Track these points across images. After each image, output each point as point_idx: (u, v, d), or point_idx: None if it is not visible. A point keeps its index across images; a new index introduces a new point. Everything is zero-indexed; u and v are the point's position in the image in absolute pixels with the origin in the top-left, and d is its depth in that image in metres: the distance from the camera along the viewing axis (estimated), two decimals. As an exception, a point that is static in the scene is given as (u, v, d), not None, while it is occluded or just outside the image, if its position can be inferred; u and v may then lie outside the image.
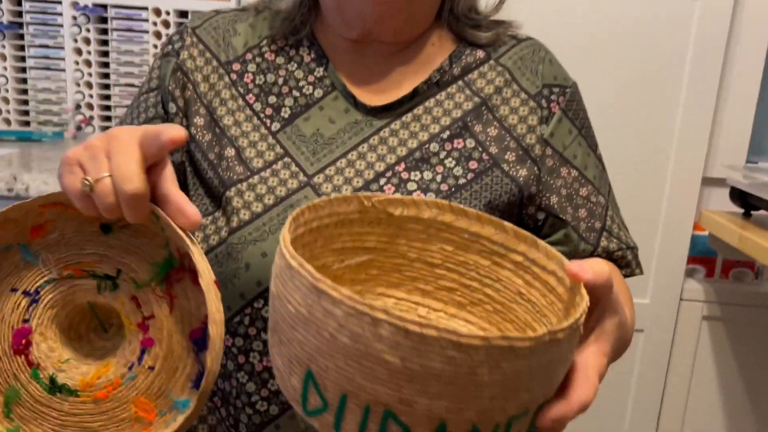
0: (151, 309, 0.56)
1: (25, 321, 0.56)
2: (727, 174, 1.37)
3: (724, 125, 1.44)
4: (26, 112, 1.80)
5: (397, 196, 0.56)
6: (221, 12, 0.81)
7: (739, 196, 1.35)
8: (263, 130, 0.74)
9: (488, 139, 0.75)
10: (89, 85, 1.76)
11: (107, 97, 1.78)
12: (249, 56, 0.78)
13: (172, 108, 0.76)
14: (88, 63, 1.75)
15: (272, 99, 0.76)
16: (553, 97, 0.78)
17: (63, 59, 1.75)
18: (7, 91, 1.76)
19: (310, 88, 0.76)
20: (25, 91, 1.78)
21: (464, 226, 0.55)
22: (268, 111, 0.75)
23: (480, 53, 0.79)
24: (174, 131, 0.51)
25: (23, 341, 0.56)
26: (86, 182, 0.50)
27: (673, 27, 1.38)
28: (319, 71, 0.77)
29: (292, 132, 0.74)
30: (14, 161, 1.48)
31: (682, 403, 1.55)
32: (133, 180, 0.49)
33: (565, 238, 0.76)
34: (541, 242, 0.51)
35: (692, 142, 1.42)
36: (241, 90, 0.76)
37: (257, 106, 0.75)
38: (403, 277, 0.59)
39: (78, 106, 1.78)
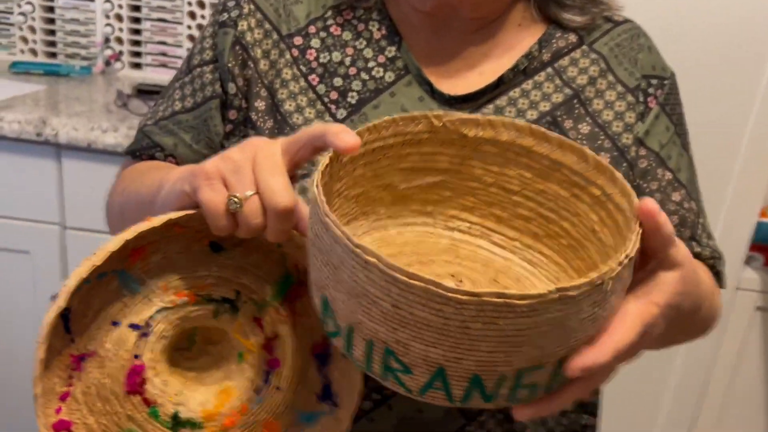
0: (275, 329, 0.52)
1: (136, 357, 0.49)
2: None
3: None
4: (53, 44, 1.71)
5: (472, 115, 0.52)
6: None
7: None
8: (327, 118, 0.66)
9: (580, 137, 0.66)
10: (119, 18, 1.66)
11: (137, 32, 1.68)
12: (312, 29, 0.68)
13: (232, 88, 0.67)
14: (119, -6, 1.64)
15: (338, 81, 0.67)
16: (651, 90, 0.69)
17: (92, -11, 1.64)
18: (33, 20, 1.67)
19: (381, 70, 0.67)
20: (52, 21, 1.69)
21: (545, 152, 0.51)
22: (333, 95, 0.66)
23: (572, 37, 0.69)
24: (349, 138, 0.44)
25: (138, 379, 0.50)
26: (235, 201, 0.45)
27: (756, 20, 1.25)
28: (391, 51, 0.68)
29: (359, 121, 0.66)
30: (41, 100, 1.40)
31: (724, 393, 1.50)
32: (284, 196, 0.45)
33: None
34: (619, 176, 0.47)
35: (765, 125, 1.31)
36: (304, 69, 0.67)
37: (321, 89, 0.67)
38: (477, 201, 0.56)
39: (107, 40, 1.68)
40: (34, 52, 1.70)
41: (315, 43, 0.68)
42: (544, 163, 0.52)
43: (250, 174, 0.45)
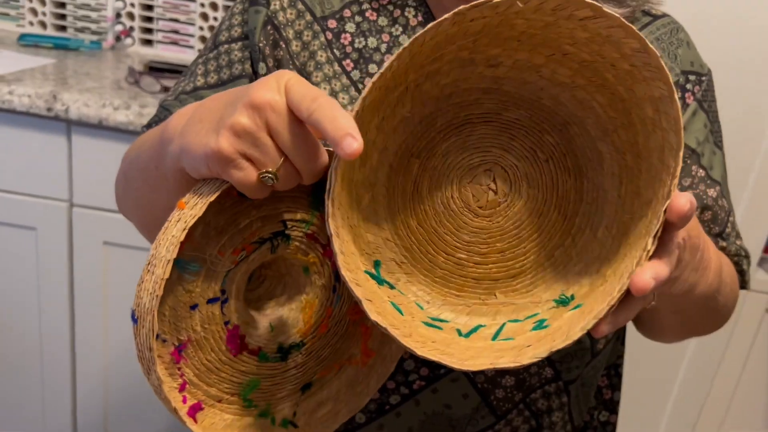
0: (327, 234, 0.52)
1: (226, 324, 0.51)
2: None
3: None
4: (63, 16, 1.68)
5: None
6: None
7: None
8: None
9: None
10: (131, -7, 1.63)
11: (149, 8, 1.65)
12: (347, 13, 0.66)
13: (263, 69, 0.65)
14: (132, -32, 1.61)
15: (373, 68, 0.65)
16: (689, 86, 0.68)
17: (105, -38, 1.61)
18: (43, -9, 1.64)
19: None
20: (62, -6, 1.66)
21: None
22: (367, 81, 0.65)
23: None
24: (347, 146, 0.40)
25: (238, 341, 0.52)
26: (270, 177, 0.43)
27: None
28: None
29: None
30: (51, 74, 1.38)
31: (730, 393, 1.50)
32: (319, 156, 0.44)
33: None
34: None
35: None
36: (338, 53, 0.65)
37: (355, 75, 0.65)
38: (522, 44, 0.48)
39: (118, 15, 1.65)
40: (43, 24, 1.67)
41: (350, 27, 0.66)
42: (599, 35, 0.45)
43: (272, 144, 0.43)
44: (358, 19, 0.66)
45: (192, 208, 0.44)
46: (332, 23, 0.66)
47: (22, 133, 1.29)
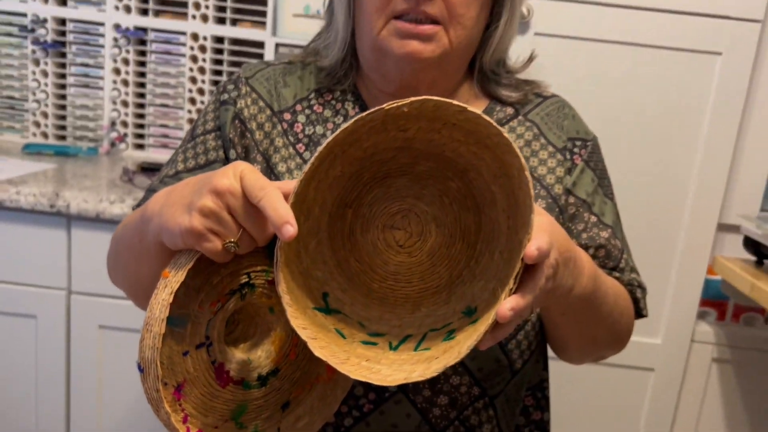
0: None
1: (213, 362, 0.63)
2: (741, 222, 1.41)
3: (741, 174, 1.49)
4: (63, 127, 1.87)
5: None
6: (271, 64, 0.87)
7: (752, 244, 1.39)
8: None
9: None
10: (125, 104, 1.83)
11: (141, 116, 1.84)
12: (299, 107, 0.83)
13: (233, 154, 0.81)
14: (126, 82, 1.81)
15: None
16: (576, 150, 0.84)
17: (102, 78, 1.81)
18: (47, 106, 1.83)
19: None
20: (63, 107, 1.85)
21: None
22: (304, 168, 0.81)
23: (509, 110, 0.85)
24: (286, 231, 0.55)
25: (224, 375, 0.64)
26: (231, 244, 0.57)
27: (694, 79, 1.43)
28: None
29: None
30: (52, 176, 1.54)
31: (689, 442, 1.58)
32: (266, 228, 0.58)
33: None
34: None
35: (709, 188, 1.47)
36: (292, 139, 0.82)
37: (306, 155, 0.81)
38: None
39: (113, 124, 1.84)
40: (45, 135, 1.85)
41: (301, 118, 0.83)
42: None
43: (231, 220, 0.57)
44: (307, 112, 0.83)
45: (174, 275, 0.58)
46: (287, 116, 0.83)
47: (26, 230, 1.44)
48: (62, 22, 1.80)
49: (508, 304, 0.54)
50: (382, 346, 0.64)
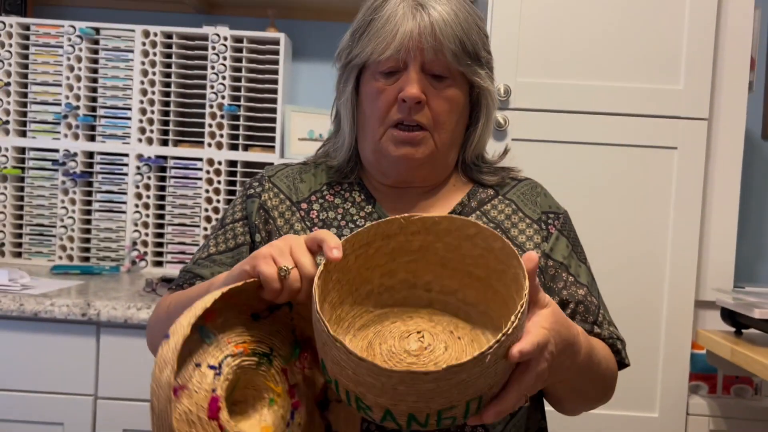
0: (296, 378, 0.75)
1: (213, 391, 0.68)
2: (716, 296, 1.54)
3: (710, 253, 1.65)
4: (87, 249, 2.02)
5: (431, 214, 0.79)
6: (289, 165, 1.05)
7: (729, 315, 1.51)
8: None
9: None
10: (146, 225, 1.99)
11: (160, 235, 2.00)
12: (314, 198, 0.99)
13: (258, 238, 0.97)
14: (147, 206, 1.99)
15: (333, 230, 0.96)
16: (550, 221, 0.99)
17: (125, 203, 1.99)
18: (73, 230, 2.00)
19: (362, 220, 0.97)
20: (88, 231, 2.02)
21: (482, 238, 0.78)
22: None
23: (490, 191, 1.01)
24: (335, 254, 0.72)
25: (215, 407, 0.68)
26: (284, 269, 0.72)
27: (656, 171, 1.62)
28: (369, 208, 0.98)
29: None
30: (79, 290, 1.67)
31: None
32: (312, 268, 0.73)
33: None
34: (519, 258, 0.73)
35: (682, 269, 1.62)
36: (308, 224, 0.97)
37: None
38: (444, 268, 0.82)
39: (134, 243, 2.00)
40: (70, 257, 2.00)
41: (316, 206, 0.98)
42: (482, 246, 0.78)
43: (290, 255, 0.73)
44: (321, 201, 0.99)
45: (214, 293, 0.68)
46: (304, 205, 0.99)
47: (57, 339, 1.55)
48: (90, 155, 2.00)
49: (491, 409, 0.69)
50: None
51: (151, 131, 1.98)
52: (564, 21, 1.62)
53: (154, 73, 1.98)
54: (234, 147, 2.01)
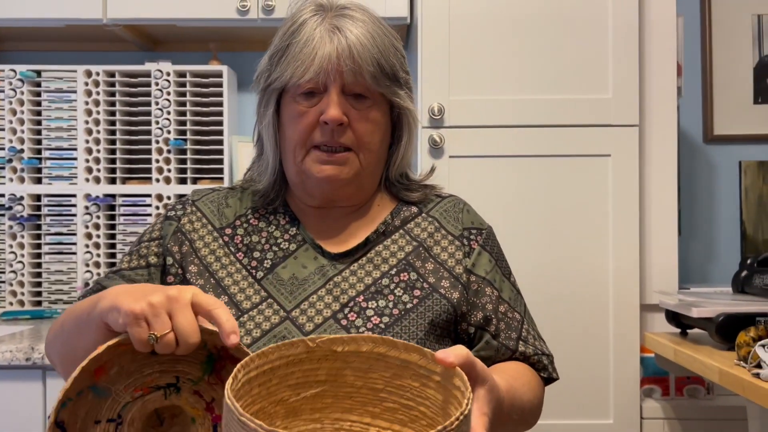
0: (211, 395, 0.74)
1: None
2: (660, 299, 1.56)
3: (652, 255, 1.67)
4: (39, 293, 1.99)
5: (338, 335, 0.68)
6: (216, 189, 1.05)
7: (673, 317, 1.53)
8: (250, 279, 0.94)
9: (427, 271, 0.95)
10: (97, 265, 1.98)
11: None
12: (238, 222, 1.00)
13: (170, 260, 0.97)
14: (97, 245, 1.97)
15: (257, 254, 0.96)
16: (472, 237, 1.00)
17: (75, 244, 1.98)
18: (23, 275, 1.97)
19: (286, 243, 0.98)
20: (39, 274, 1.99)
21: (396, 355, 0.67)
22: (254, 263, 0.96)
23: (413, 209, 1.02)
24: (233, 339, 0.66)
25: None
26: (153, 336, 0.67)
27: (592, 178, 1.65)
28: (293, 230, 0.99)
29: (273, 278, 0.94)
30: (27, 335, 1.65)
31: None
32: (192, 336, 0.67)
33: (486, 344, 0.95)
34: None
35: (625, 273, 1.64)
36: (232, 249, 0.97)
37: (245, 261, 0.96)
38: (354, 402, 0.70)
39: (86, 284, 1.98)
40: (21, 302, 1.98)
41: (240, 231, 0.99)
42: (397, 363, 0.68)
43: (167, 319, 0.67)
44: (245, 225, 0.99)
45: (100, 348, 0.67)
46: (228, 230, 0.99)
47: (1, 386, 1.52)
48: (37, 197, 1.99)
49: None
50: None
51: (98, 170, 1.98)
52: (492, 39, 1.65)
53: (98, 112, 1.98)
54: (183, 181, 2.01)
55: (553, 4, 1.65)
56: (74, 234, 1.98)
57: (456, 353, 0.64)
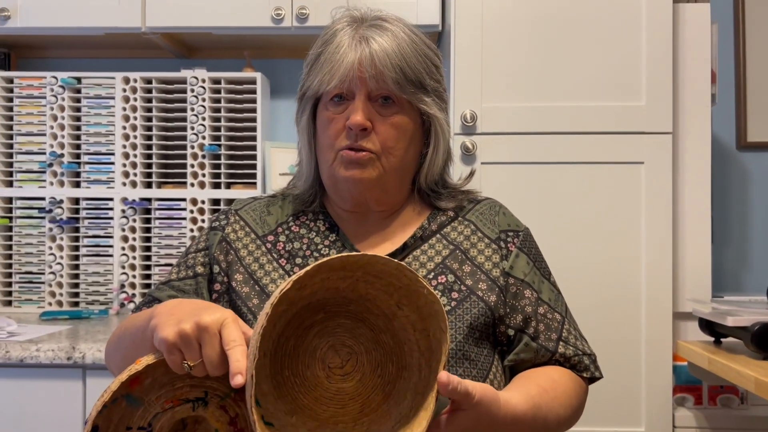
0: (236, 410, 0.78)
1: None
2: (693, 307, 1.55)
3: (686, 263, 1.66)
4: (76, 294, 2.04)
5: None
6: (257, 198, 1.08)
7: (707, 325, 1.52)
8: None
9: (464, 274, 0.97)
10: (133, 267, 2.02)
11: (148, 277, 2.03)
12: (280, 230, 1.02)
13: (216, 269, 1.00)
14: (133, 248, 2.02)
15: (298, 260, 0.99)
16: (509, 239, 1.01)
17: (111, 246, 2.02)
18: (62, 276, 2.02)
19: (327, 249, 1.00)
20: (76, 276, 2.04)
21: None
22: (296, 269, 0.98)
23: (450, 213, 1.04)
24: (237, 380, 0.69)
25: None
26: (187, 366, 0.72)
27: (625, 186, 1.64)
28: (332, 236, 1.01)
29: None
30: (66, 335, 1.69)
31: None
32: (218, 369, 0.72)
33: (525, 347, 0.96)
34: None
35: (658, 281, 1.63)
36: (275, 255, 0.99)
37: (288, 267, 0.98)
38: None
39: (122, 286, 2.02)
40: (60, 303, 2.03)
41: (282, 238, 1.01)
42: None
43: (197, 347, 0.72)
44: (287, 232, 1.02)
45: (139, 365, 0.73)
46: (270, 238, 1.01)
47: (43, 384, 1.56)
48: (76, 201, 2.04)
49: None
50: None
51: (135, 174, 2.02)
52: (524, 46, 1.66)
53: (135, 118, 2.02)
54: (216, 185, 2.04)
55: (586, 11, 1.65)
56: (111, 237, 2.02)
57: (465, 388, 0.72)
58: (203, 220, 2.00)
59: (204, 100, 2.01)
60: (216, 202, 2.03)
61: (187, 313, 0.74)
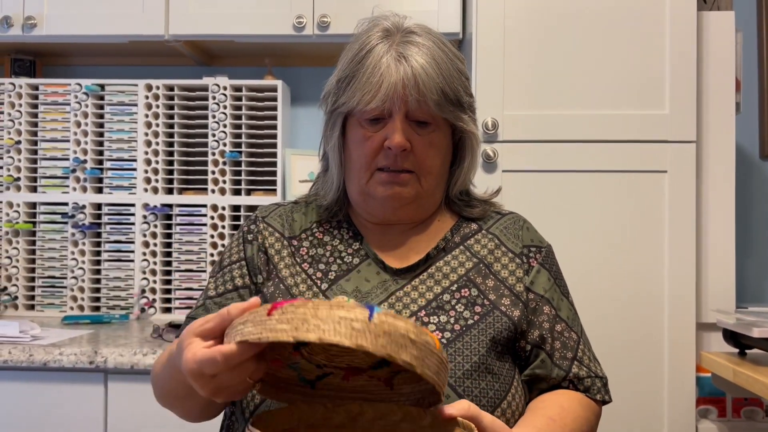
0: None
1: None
2: (717, 318, 1.53)
3: (709, 273, 1.65)
4: (98, 299, 2.06)
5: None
6: (281, 204, 1.08)
7: (731, 336, 1.50)
8: (315, 289, 0.97)
9: (487, 288, 0.96)
10: (153, 273, 2.03)
11: (168, 282, 2.04)
12: (304, 235, 1.02)
13: (259, 279, 1.00)
14: (154, 253, 2.03)
15: (321, 266, 0.99)
16: (531, 254, 1.01)
17: (132, 251, 2.04)
18: (83, 281, 2.04)
19: (350, 257, 1.00)
20: (98, 281, 2.06)
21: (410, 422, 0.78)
22: (318, 275, 0.98)
23: (473, 225, 1.03)
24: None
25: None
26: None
27: (648, 194, 1.63)
28: (356, 245, 1.01)
29: (336, 289, 0.96)
30: (88, 339, 1.70)
31: None
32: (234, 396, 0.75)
33: (541, 363, 0.95)
34: None
35: (681, 291, 1.61)
36: (298, 260, 1.00)
37: (310, 271, 0.98)
38: None
39: (143, 291, 2.04)
40: (81, 307, 2.05)
41: (306, 243, 1.01)
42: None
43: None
44: (311, 238, 1.02)
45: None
46: (295, 242, 1.02)
47: (65, 388, 1.58)
48: (98, 206, 2.06)
49: None
50: None
51: (156, 181, 2.04)
52: (546, 54, 1.66)
53: (157, 125, 2.04)
54: (237, 192, 2.05)
55: (609, 18, 1.64)
56: (132, 242, 2.04)
57: (458, 407, 0.74)
58: (223, 227, 2.01)
59: (225, 107, 2.02)
60: (236, 208, 2.04)
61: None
